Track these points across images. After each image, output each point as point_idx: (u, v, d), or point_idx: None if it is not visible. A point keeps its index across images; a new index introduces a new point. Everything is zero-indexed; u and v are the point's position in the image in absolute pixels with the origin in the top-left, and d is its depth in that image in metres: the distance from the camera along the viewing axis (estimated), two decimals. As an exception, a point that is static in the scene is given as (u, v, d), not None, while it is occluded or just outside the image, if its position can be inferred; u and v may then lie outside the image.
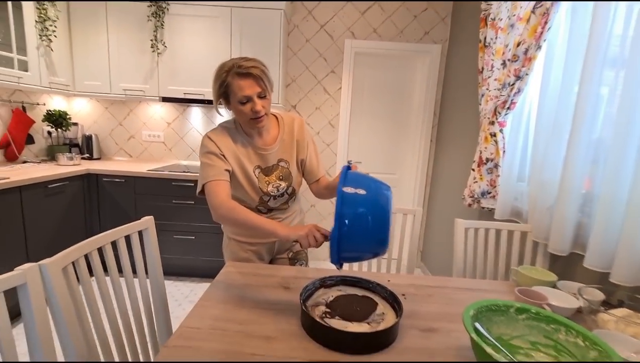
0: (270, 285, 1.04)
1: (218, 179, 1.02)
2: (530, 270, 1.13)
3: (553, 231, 1.19)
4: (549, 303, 0.91)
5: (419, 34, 2.74)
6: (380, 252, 0.82)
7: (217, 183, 1.02)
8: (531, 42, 1.35)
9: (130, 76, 2.56)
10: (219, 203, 0.98)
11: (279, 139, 1.15)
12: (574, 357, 0.70)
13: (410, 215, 1.55)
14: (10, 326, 0.69)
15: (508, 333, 0.78)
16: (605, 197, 0.99)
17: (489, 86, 1.67)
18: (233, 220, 0.97)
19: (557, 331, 0.74)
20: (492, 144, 1.65)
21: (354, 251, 0.81)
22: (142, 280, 1.04)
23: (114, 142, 2.99)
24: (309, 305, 0.89)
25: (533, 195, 1.35)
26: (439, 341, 0.81)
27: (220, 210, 0.98)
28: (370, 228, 0.77)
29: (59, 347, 0.76)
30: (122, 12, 2.47)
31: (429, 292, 1.06)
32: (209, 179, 1.02)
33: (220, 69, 1.02)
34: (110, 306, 0.92)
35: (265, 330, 0.81)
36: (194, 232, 2.47)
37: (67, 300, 0.77)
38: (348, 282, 1.01)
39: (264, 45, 2.49)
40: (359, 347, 0.75)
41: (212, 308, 0.90)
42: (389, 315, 0.86)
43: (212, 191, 1.01)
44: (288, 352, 0.74)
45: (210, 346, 0.74)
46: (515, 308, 0.78)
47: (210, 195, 1.00)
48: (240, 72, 0.98)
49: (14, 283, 0.69)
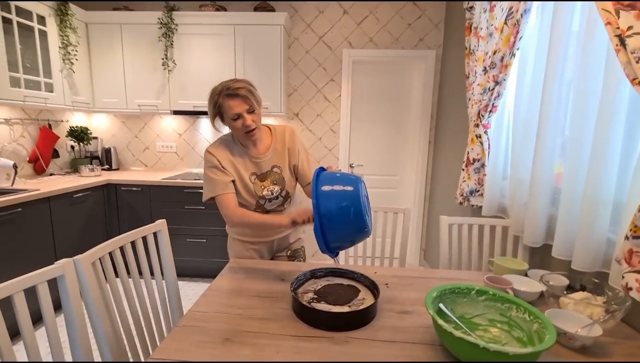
0: (268, 277, 1.18)
1: (226, 193, 1.20)
2: (505, 261, 1.23)
3: (527, 225, 1.29)
4: (513, 288, 1.01)
5: (413, 41, 2.86)
6: (364, 231, 0.95)
7: (226, 196, 1.20)
8: (506, 50, 1.46)
9: (144, 92, 2.77)
10: (231, 213, 1.19)
11: (271, 148, 1.30)
12: (522, 330, 0.81)
13: (401, 213, 1.66)
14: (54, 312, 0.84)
15: (470, 313, 0.89)
16: (566, 192, 1.09)
17: (473, 91, 1.78)
18: (246, 224, 1.19)
19: (509, 309, 0.85)
20: (478, 145, 1.76)
21: (338, 237, 0.95)
22: (157, 274, 1.20)
23: (130, 154, 3.21)
24: (299, 292, 1.02)
25: (512, 192, 1.45)
26: (411, 321, 0.93)
27: (233, 218, 1.19)
28: (346, 214, 0.91)
29: (90, 330, 0.92)
30: (135, 35, 2.69)
31: (410, 281, 1.18)
32: (218, 193, 1.20)
33: (213, 93, 1.18)
34: (130, 294, 1.08)
35: (261, 314, 0.95)
36: (204, 236, 2.65)
37: (96, 290, 0.93)
38: (336, 273, 1.14)
39: (266, 58, 2.66)
40: (339, 325, 0.88)
41: (216, 297, 1.04)
42: (369, 300, 0.99)
43: (223, 204, 1.19)
44: (280, 330, 0.87)
45: (214, 326, 0.89)
46: (475, 290, 0.90)
47: (222, 208, 1.20)
48: (229, 93, 1.14)
49: (54, 274, 0.85)
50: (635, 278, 0.81)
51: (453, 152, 2.53)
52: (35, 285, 0.80)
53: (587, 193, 1.01)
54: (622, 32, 0.85)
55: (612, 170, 0.98)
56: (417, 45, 2.86)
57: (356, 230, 0.94)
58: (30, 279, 0.79)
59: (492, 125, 1.72)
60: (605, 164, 0.98)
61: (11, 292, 0.75)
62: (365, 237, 0.98)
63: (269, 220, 1.18)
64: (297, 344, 0.81)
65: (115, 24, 2.68)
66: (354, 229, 0.94)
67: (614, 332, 0.90)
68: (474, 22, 1.80)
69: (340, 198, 0.92)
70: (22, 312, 0.77)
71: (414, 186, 3.10)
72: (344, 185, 0.94)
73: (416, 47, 2.86)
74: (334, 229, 0.93)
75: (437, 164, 2.91)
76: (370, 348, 0.80)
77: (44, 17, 2.31)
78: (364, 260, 1.76)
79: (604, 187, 0.99)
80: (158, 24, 2.62)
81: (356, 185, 0.94)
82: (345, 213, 0.91)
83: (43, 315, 0.82)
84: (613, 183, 0.99)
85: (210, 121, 1.23)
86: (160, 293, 1.20)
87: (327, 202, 0.92)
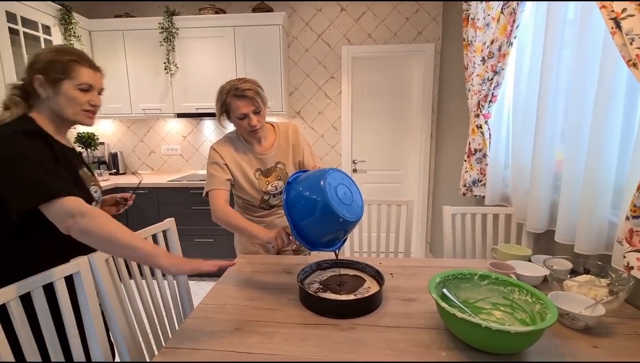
0: (274, 271, 1.21)
1: (219, 188, 1.23)
2: (508, 248, 1.24)
3: (529, 212, 1.30)
4: (516, 273, 1.03)
5: (412, 35, 2.87)
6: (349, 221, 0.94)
7: (217, 191, 1.22)
8: (503, 40, 1.47)
9: (147, 96, 2.82)
10: (217, 208, 1.19)
11: (275, 145, 1.32)
12: (525, 311, 0.82)
13: (404, 206, 1.68)
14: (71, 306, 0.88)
15: (473, 297, 0.91)
16: (567, 177, 1.10)
17: (472, 81, 1.79)
18: (226, 222, 1.18)
19: (512, 292, 0.87)
20: (479, 135, 1.76)
21: (322, 234, 0.97)
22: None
23: (136, 158, 3.27)
24: (306, 283, 1.05)
25: (514, 180, 1.46)
26: (415, 308, 0.95)
27: (217, 213, 1.19)
28: (317, 212, 0.92)
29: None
30: (137, 40, 2.74)
31: (414, 271, 1.20)
32: (212, 188, 1.23)
33: (221, 91, 1.21)
34: (143, 292, 1.11)
35: (268, 304, 0.98)
36: (212, 235, 2.69)
37: (110, 286, 0.97)
38: (341, 264, 1.16)
39: (266, 58, 2.69)
40: (345, 312, 0.90)
41: (225, 290, 1.07)
42: (374, 288, 1.01)
43: (213, 198, 1.22)
44: (287, 319, 0.90)
45: (224, 317, 0.92)
46: (478, 275, 0.92)
47: (211, 201, 1.22)
48: (237, 94, 1.17)
49: (71, 271, 0.89)
50: (637, 257, 0.82)
51: (455, 144, 2.53)
52: (53, 281, 0.84)
53: (587, 177, 1.01)
54: (616, 14, 0.86)
55: (611, 153, 0.99)
56: (416, 39, 2.87)
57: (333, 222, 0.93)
58: (49, 276, 0.83)
59: (492, 115, 1.72)
60: (605, 148, 0.99)
61: (31, 287, 0.79)
62: (349, 224, 0.95)
63: (248, 228, 1.14)
64: (304, 331, 0.84)
65: (117, 31, 2.73)
66: (329, 221, 0.93)
67: (617, 313, 0.91)
68: (471, 13, 1.81)
69: (306, 198, 0.94)
70: (42, 307, 0.81)
71: (417, 180, 3.10)
72: (310, 183, 0.96)
73: (415, 41, 2.87)
74: (312, 228, 0.96)
75: (439, 156, 2.92)
76: (376, 333, 0.83)
77: (49, 26, 2.37)
78: (370, 255, 1.78)
79: (604, 171, 1.00)
80: (159, 28, 2.67)
81: (326, 178, 0.94)
82: (313, 210, 0.92)
83: (62, 310, 0.86)
84: (613, 167, 1.00)
85: (217, 118, 1.26)
86: (172, 290, 1.24)
87: (295, 204, 0.95)
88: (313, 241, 0.98)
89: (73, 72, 0.92)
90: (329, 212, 0.91)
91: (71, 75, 0.91)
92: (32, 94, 0.92)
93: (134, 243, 0.80)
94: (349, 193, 1.00)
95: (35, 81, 0.90)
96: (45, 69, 0.90)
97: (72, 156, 1.00)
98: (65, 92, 0.91)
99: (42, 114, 0.94)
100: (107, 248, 0.83)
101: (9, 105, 0.92)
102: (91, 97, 0.96)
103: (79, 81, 0.92)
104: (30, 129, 0.88)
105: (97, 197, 1.06)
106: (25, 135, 0.84)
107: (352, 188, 1.04)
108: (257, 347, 0.78)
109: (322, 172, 0.97)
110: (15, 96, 0.92)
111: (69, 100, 0.92)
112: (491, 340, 0.70)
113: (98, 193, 1.07)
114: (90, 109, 0.97)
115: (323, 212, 0.91)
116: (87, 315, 0.90)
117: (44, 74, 0.90)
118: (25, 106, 0.93)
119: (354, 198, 1.01)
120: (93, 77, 0.96)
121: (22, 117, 0.91)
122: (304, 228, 0.96)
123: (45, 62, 0.90)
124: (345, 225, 0.95)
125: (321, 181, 0.93)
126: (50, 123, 0.95)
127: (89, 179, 1.05)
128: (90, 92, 0.96)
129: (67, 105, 0.93)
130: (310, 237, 0.97)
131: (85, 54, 0.97)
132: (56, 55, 0.91)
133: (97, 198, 1.06)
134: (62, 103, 0.92)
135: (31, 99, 0.93)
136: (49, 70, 0.90)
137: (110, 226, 0.80)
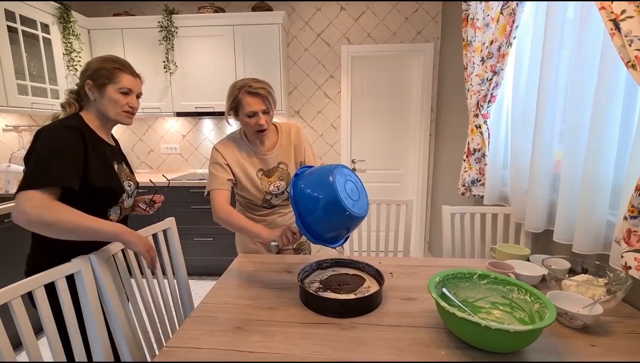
0: (275, 270, 1.22)
1: (220, 188, 1.23)
2: (507, 247, 1.25)
3: (528, 211, 1.31)
4: (515, 272, 1.04)
5: (411, 34, 2.87)
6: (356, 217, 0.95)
7: (219, 191, 1.22)
8: (502, 40, 1.48)
9: (147, 95, 2.80)
10: (218, 207, 1.19)
11: (277, 145, 1.33)
12: (524, 311, 0.83)
13: (403, 205, 1.69)
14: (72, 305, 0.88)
15: (473, 297, 0.92)
16: (566, 177, 1.11)
17: (472, 81, 1.79)
18: (227, 222, 1.18)
19: (511, 291, 0.87)
20: (478, 135, 1.77)
21: (328, 228, 0.98)
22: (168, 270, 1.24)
23: (135, 157, 3.26)
24: (306, 282, 1.05)
25: (513, 180, 1.46)
26: (415, 306, 0.96)
27: (218, 213, 1.19)
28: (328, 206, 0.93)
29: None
30: (136, 39, 2.73)
31: (414, 270, 1.21)
32: (213, 187, 1.23)
33: (234, 86, 1.21)
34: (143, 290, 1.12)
35: (269, 303, 0.98)
36: (212, 234, 2.69)
37: (111, 285, 0.97)
38: (341, 263, 1.17)
39: (266, 57, 2.69)
40: (346, 311, 0.91)
41: (226, 289, 1.08)
42: (374, 288, 1.01)
43: (214, 198, 1.22)
44: (288, 318, 0.90)
45: (225, 315, 0.92)
46: (477, 274, 0.92)
47: (212, 201, 1.22)
48: (250, 91, 1.17)
49: (72, 270, 0.89)
50: (634, 257, 0.83)
51: (454, 144, 2.54)
52: (54, 280, 0.84)
53: (585, 177, 1.02)
54: (615, 16, 0.87)
55: (610, 153, 1.00)
56: (415, 39, 2.87)
57: (340, 216, 0.95)
58: (50, 275, 0.83)
59: (491, 115, 1.73)
60: (603, 148, 0.99)
61: (33, 287, 0.79)
62: (356, 219, 0.97)
63: (251, 227, 1.14)
64: (305, 330, 0.84)
65: (116, 29, 2.72)
66: (337, 215, 0.95)
67: (615, 312, 0.92)
68: (471, 13, 1.81)
69: (314, 191, 0.95)
70: (44, 307, 0.81)
71: (416, 179, 3.11)
72: (319, 177, 0.97)
73: (414, 40, 2.87)
74: (318, 221, 0.96)
75: (438, 156, 2.93)
76: (376, 332, 0.83)
77: (47, 25, 2.36)
78: (369, 254, 1.79)
79: (603, 171, 1.00)
80: (158, 27, 2.66)
81: (335, 175, 0.96)
82: (323, 205, 0.93)
83: (63, 309, 0.86)
84: (611, 167, 1.01)
85: (226, 113, 1.26)
86: (172, 289, 1.24)
87: (303, 197, 0.96)
88: (318, 235, 0.99)
89: (116, 78, 1.05)
90: (338, 207, 0.92)
91: (114, 80, 1.05)
92: (84, 96, 1.07)
93: (99, 227, 0.92)
94: (356, 190, 1.02)
95: (86, 85, 1.05)
96: (93, 75, 1.04)
97: (110, 151, 1.12)
98: (109, 95, 1.05)
99: (91, 113, 1.08)
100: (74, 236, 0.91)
101: (65, 106, 1.08)
102: (130, 100, 1.09)
103: (120, 85, 1.06)
104: (73, 124, 1.00)
105: (129, 190, 1.15)
106: (66, 128, 0.97)
107: (358, 184, 1.06)
108: (258, 346, 0.78)
109: (331, 167, 0.99)
110: (70, 99, 1.08)
111: (111, 102, 1.06)
112: (490, 339, 0.71)
113: (132, 187, 1.17)
114: (129, 110, 1.10)
115: (331, 206, 0.93)
116: (88, 314, 0.91)
117: (92, 80, 1.04)
118: (77, 107, 1.08)
119: (360, 194, 1.03)
120: (133, 83, 1.09)
121: (73, 115, 1.06)
122: (311, 222, 0.96)
123: (94, 69, 1.04)
124: (351, 220, 0.96)
125: (330, 176, 0.95)
126: (96, 121, 1.09)
127: (126, 174, 1.16)
128: (130, 95, 1.09)
129: (110, 106, 1.06)
130: (316, 231, 0.98)
131: (128, 63, 1.11)
132: (103, 63, 1.05)
133: (130, 192, 1.16)
134: (106, 104, 1.06)
135: (83, 101, 1.09)
136: (97, 76, 1.04)
137: (72, 216, 0.89)
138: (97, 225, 0.92)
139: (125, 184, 1.13)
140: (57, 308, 0.85)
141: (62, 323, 0.86)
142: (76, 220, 0.89)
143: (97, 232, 0.92)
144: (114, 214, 1.10)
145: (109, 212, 1.08)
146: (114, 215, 1.10)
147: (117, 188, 1.08)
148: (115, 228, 0.95)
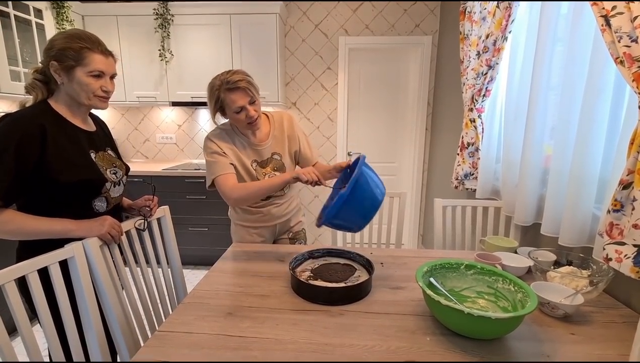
0: (268, 259, 1.23)
1: (225, 173, 1.20)
2: (495, 239, 1.28)
3: (517, 205, 1.33)
4: (501, 263, 1.06)
5: (409, 27, 2.85)
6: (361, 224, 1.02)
7: (225, 176, 1.20)
8: (498, 34, 1.48)
9: (142, 84, 2.78)
10: (230, 189, 1.17)
11: (270, 135, 1.33)
12: (508, 300, 0.86)
13: (397, 197, 1.71)
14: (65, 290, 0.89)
15: (459, 286, 0.94)
16: (554, 171, 1.13)
17: (467, 75, 1.80)
18: (249, 195, 1.16)
19: (496, 281, 0.90)
20: (472, 129, 1.79)
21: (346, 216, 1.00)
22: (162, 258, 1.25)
23: (131, 146, 3.25)
24: (298, 271, 1.07)
25: (504, 174, 1.48)
26: (403, 295, 0.98)
27: (233, 193, 1.16)
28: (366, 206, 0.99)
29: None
30: (131, 26, 2.69)
31: (404, 261, 1.23)
32: (217, 174, 1.20)
33: (212, 88, 1.18)
34: (137, 278, 1.13)
35: (261, 291, 1.00)
36: (207, 224, 2.70)
37: (105, 270, 0.98)
38: (333, 253, 1.19)
39: (263, 47, 2.66)
40: (335, 299, 0.93)
41: (219, 277, 1.09)
42: (364, 277, 1.04)
43: (222, 183, 1.19)
44: (279, 305, 0.92)
45: (217, 302, 0.94)
46: (464, 265, 0.95)
47: (221, 187, 1.19)
48: (229, 87, 1.14)
49: (65, 255, 0.90)
50: (615, 249, 0.85)
51: (449, 138, 2.55)
52: (47, 265, 0.85)
53: (573, 172, 1.04)
54: (606, 12, 0.88)
55: (598, 149, 1.02)
56: (413, 32, 2.86)
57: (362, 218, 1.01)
58: (43, 260, 0.84)
59: (485, 109, 1.74)
60: (591, 143, 1.01)
61: (25, 271, 0.80)
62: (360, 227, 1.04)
63: (270, 181, 1.14)
64: (294, 317, 0.86)
65: (111, 16, 2.68)
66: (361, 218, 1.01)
67: (596, 302, 0.95)
68: (468, 6, 1.81)
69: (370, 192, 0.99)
70: (37, 291, 0.82)
71: (411, 173, 3.13)
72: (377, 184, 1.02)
73: (412, 33, 2.86)
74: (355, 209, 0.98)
75: (434, 150, 2.94)
76: (364, 319, 0.86)
77: (40, 10, 2.32)
78: (362, 246, 1.81)
79: (590, 166, 1.02)
80: (154, 14, 2.62)
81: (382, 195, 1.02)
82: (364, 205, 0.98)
83: (56, 295, 0.87)
84: (599, 162, 1.02)
85: (211, 116, 1.23)
86: (166, 276, 1.25)
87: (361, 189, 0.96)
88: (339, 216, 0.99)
89: (85, 59, 0.93)
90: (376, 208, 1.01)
91: (83, 62, 0.93)
92: (52, 78, 0.95)
93: (47, 228, 0.90)
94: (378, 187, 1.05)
95: (51, 67, 0.93)
96: (58, 55, 0.92)
97: (87, 138, 1.02)
98: (79, 79, 0.94)
99: (60, 98, 0.98)
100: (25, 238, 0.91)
101: (30, 90, 0.97)
102: (103, 83, 0.98)
103: (90, 68, 0.94)
104: (32, 114, 0.92)
105: (114, 179, 1.07)
106: (21, 119, 0.89)
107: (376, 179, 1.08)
108: (248, 331, 0.80)
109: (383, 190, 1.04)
110: (37, 80, 0.96)
111: (81, 86, 0.95)
112: (473, 326, 0.73)
113: (119, 175, 1.09)
114: (103, 94, 0.99)
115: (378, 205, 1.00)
116: (81, 300, 0.92)
117: (58, 61, 0.92)
118: (46, 90, 0.97)
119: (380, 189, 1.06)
120: (104, 63, 0.97)
121: (39, 102, 0.96)
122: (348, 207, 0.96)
123: (59, 49, 0.92)
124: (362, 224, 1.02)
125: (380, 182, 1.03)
126: (67, 107, 0.99)
127: (109, 161, 1.07)
128: (103, 78, 0.98)
129: (81, 91, 0.96)
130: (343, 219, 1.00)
131: (98, 39, 0.98)
132: (69, 42, 0.93)
133: (116, 180, 1.08)
134: (76, 89, 0.95)
135: (51, 83, 0.97)
136: (62, 57, 0.92)
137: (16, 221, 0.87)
138: (43, 227, 0.89)
139: (109, 172, 1.04)
140: (50, 295, 0.86)
141: (54, 309, 0.87)
142: (20, 224, 0.87)
143: (47, 233, 0.90)
144: (99, 206, 1.03)
145: (93, 205, 1.02)
146: (100, 207, 1.03)
147: (96, 179, 0.99)
148: (64, 225, 0.91)
